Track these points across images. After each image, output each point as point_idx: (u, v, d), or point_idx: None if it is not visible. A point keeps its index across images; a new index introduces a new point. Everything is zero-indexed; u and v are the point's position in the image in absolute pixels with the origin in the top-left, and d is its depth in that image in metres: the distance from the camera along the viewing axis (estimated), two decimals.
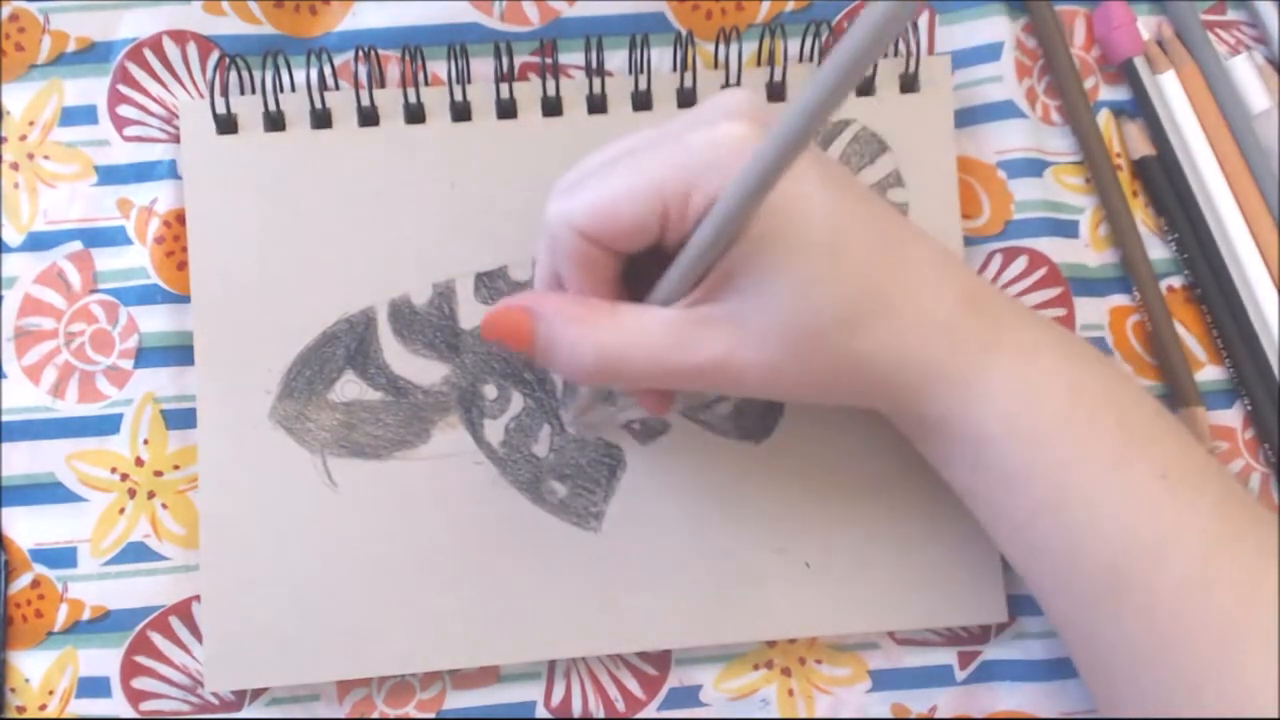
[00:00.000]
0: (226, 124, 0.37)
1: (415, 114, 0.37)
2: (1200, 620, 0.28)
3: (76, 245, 0.38)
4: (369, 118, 0.37)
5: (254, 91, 0.37)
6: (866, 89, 0.38)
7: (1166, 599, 0.29)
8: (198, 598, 0.37)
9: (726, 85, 0.38)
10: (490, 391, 0.37)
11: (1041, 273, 0.39)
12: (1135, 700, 0.30)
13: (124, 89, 0.38)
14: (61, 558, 0.37)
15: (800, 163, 0.27)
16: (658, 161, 0.28)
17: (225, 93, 0.37)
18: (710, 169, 0.28)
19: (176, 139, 0.38)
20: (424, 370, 0.37)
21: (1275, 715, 0.27)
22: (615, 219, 0.29)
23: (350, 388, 0.37)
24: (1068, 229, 0.39)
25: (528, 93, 0.38)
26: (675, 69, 0.38)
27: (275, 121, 0.37)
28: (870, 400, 0.32)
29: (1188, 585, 0.29)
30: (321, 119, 0.37)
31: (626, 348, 0.29)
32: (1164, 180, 0.39)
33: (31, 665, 0.37)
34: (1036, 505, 0.30)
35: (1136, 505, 0.29)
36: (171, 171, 0.38)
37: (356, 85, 0.38)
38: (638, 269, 0.31)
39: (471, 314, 0.37)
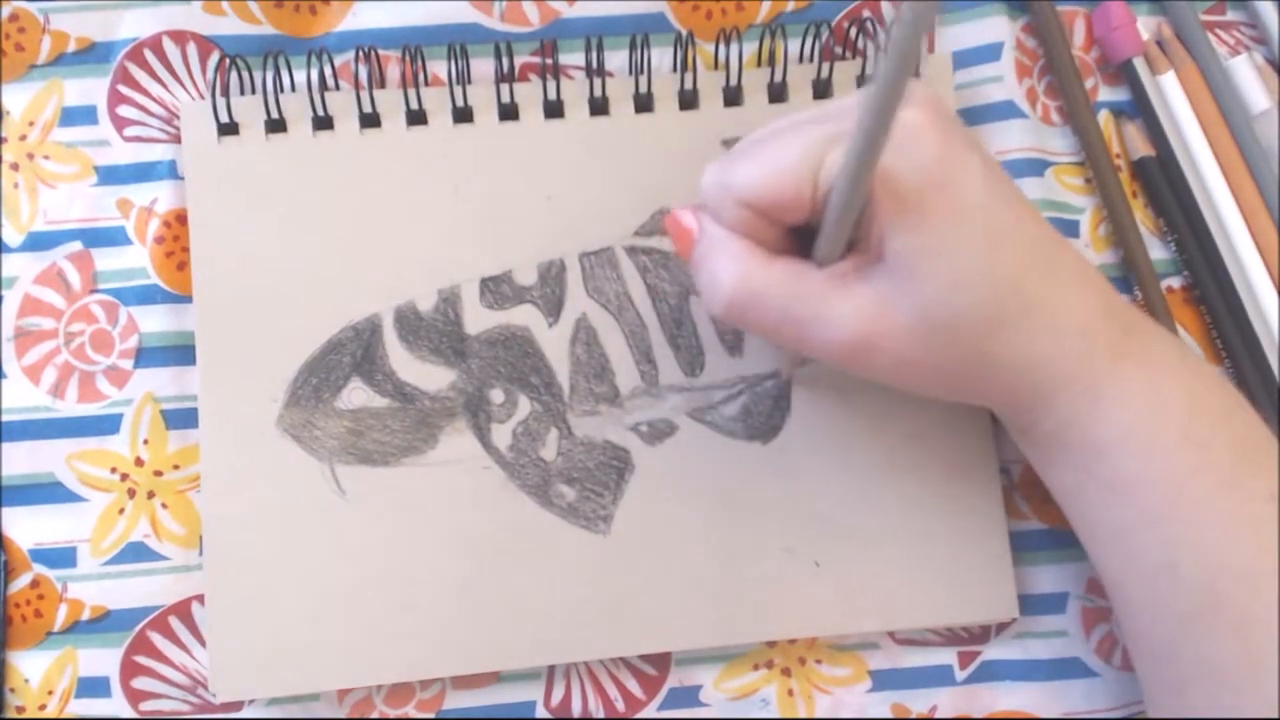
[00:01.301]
0: (227, 126, 0.37)
1: (417, 116, 0.37)
2: None
3: (76, 245, 0.38)
4: (370, 120, 0.37)
5: (254, 92, 0.37)
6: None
7: (1261, 623, 0.29)
8: (198, 598, 0.37)
9: (728, 86, 0.38)
10: (497, 396, 0.37)
11: None
12: (1219, 712, 0.30)
13: (124, 89, 0.38)
14: (61, 558, 0.37)
15: (967, 153, 0.28)
16: (814, 130, 0.29)
17: (226, 94, 0.37)
18: (839, 139, 0.28)
19: (177, 139, 0.38)
20: (430, 376, 0.37)
21: None
22: (773, 187, 0.29)
23: (357, 395, 0.37)
24: (1068, 229, 0.39)
25: (529, 94, 0.38)
26: (675, 69, 0.38)
27: (276, 124, 0.37)
28: (991, 400, 0.32)
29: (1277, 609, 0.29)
30: (322, 121, 0.37)
31: (766, 290, 0.30)
32: (1162, 181, 0.39)
33: (31, 665, 0.37)
34: (1142, 516, 0.30)
35: (1242, 526, 0.29)
36: (171, 172, 0.38)
37: (357, 86, 0.38)
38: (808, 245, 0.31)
39: (476, 320, 0.37)
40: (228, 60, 0.37)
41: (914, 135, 0.28)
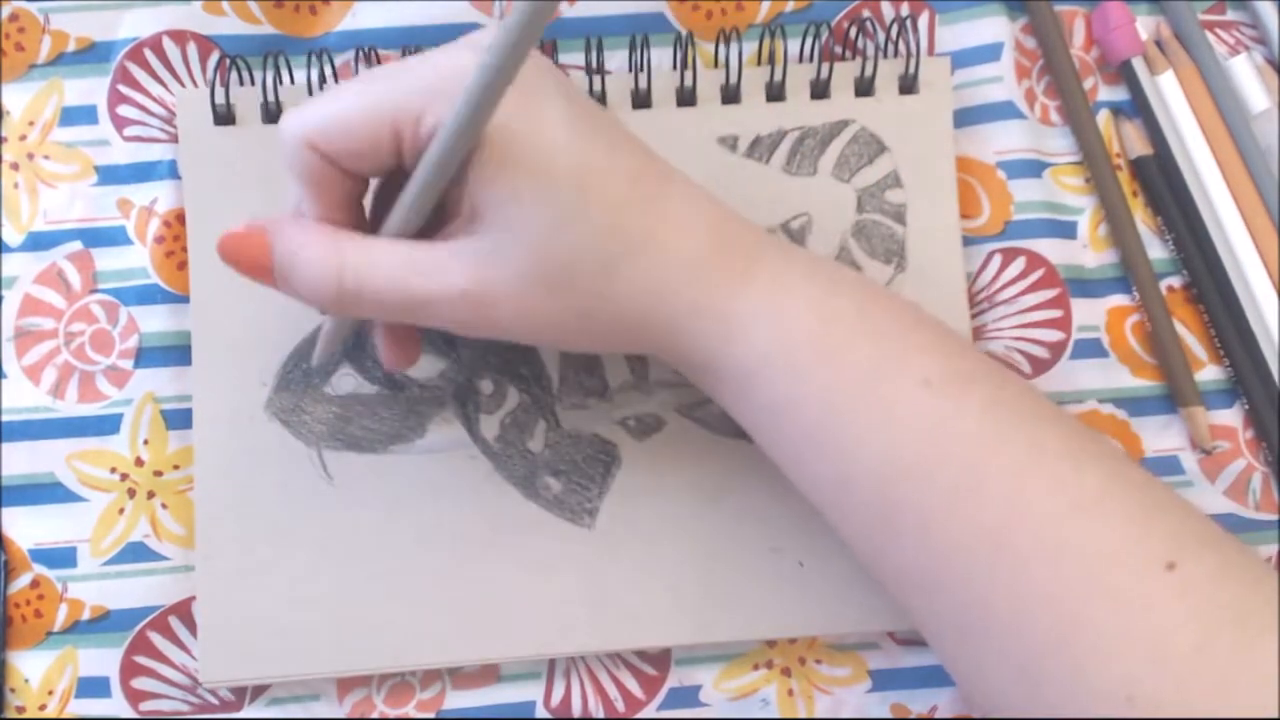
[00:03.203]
0: (224, 116, 0.37)
1: None
2: (974, 529, 0.28)
3: (76, 245, 0.38)
4: None
5: (254, 84, 0.38)
6: (866, 90, 0.38)
7: (940, 512, 0.28)
8: (197, 598, 0.37)
9: (726, 85, 0.38)
10: (486, 386, 0.37)
11: (1039, 274, 0.39)
12: (929, 619, 0.30)
13: (124, 89, 0.38)
14: (61, 558, 0.37)
15: (546, 100, 0.28)
16: (392, 83, 0.28)
17: (225, 86, 0.37)
18: (440, 96, 0.27)
19: (176, 139, 0.38)
20: (420, 365, 0.37)
21: (1063, 617, 0.27)
22: (345, 133, 0.28)
23: (346, 381, 0.37)
24: (1066, 230, 0.39)
25: None
26: (675, 69, 0.38)
27: (273, 113, 0.37)
28: (633, 344, 0.31)
29: (956, 496, 0.28)
30: None
31: (370, 271, 0.28)
32: (1161, 180, 0.39)
33: (31, 665, 0.37)
34: (804, 435, 0.30)
35: (899, 421, 0.29)
36: (171, 171, 0.38)
37: None
38: (383, 204, 0.30)
39: None
40: (228, 60, 0.37)
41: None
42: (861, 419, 0.29)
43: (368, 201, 0.31)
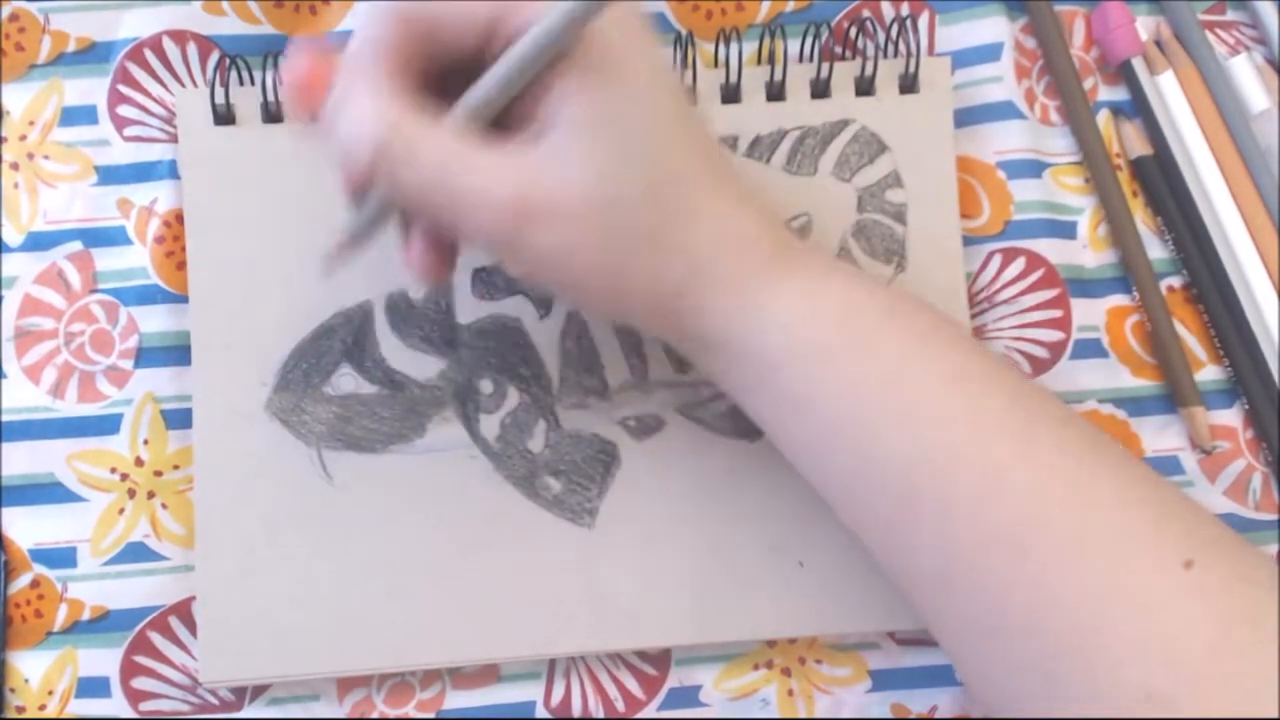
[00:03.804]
0: (224, 116, 0.37)
1: None
2: (994, 528, 0.28)
3: (76, 245, 0.38)
4: None
5: (254, 84, 0.38)
6: (867, 89, 0.38)
7: (961, 509, 0.28)
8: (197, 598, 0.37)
9: (726, 85, 0.38)
10: (486, 386, 0.37)
11: (1039, 274, 0.39)
12: (943, 616, 0.30)
13: (124, 89, 0.38)
14: (61, 558, 0.37)
15: (653, 50, 0.28)
16: None
17: (225, 86, 0.37)
18: None
19: (176, 139, 0.38)
20: (420, 364, 0.37)
21: (1081, 615, 0.27)
22: (444, 8, 0.27)
23: (346, 381, 0.37)
24: (1066, 230, 0.39)
25: None
26: (675, 68, 0.38)
27: (273, 113, 0.37)
28: (656, 316, 0.31)
29: (976, 495, 0.28)
30: None
31: (421, 142, 0.27)
32: (1161, 180, 0.39)
33: (31, 665, 0.37)
34: (825, 429, 0.30)
35: (921, 416, 0.29)
36: (171, 171, 0.38)
37: None
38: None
39: (468, 309, 0.37)
40: (227, 60, 0.37)
41: (610, 12, 0.27)
42: (884, 415, 0.29)
43: None
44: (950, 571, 0.29)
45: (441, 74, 0.28)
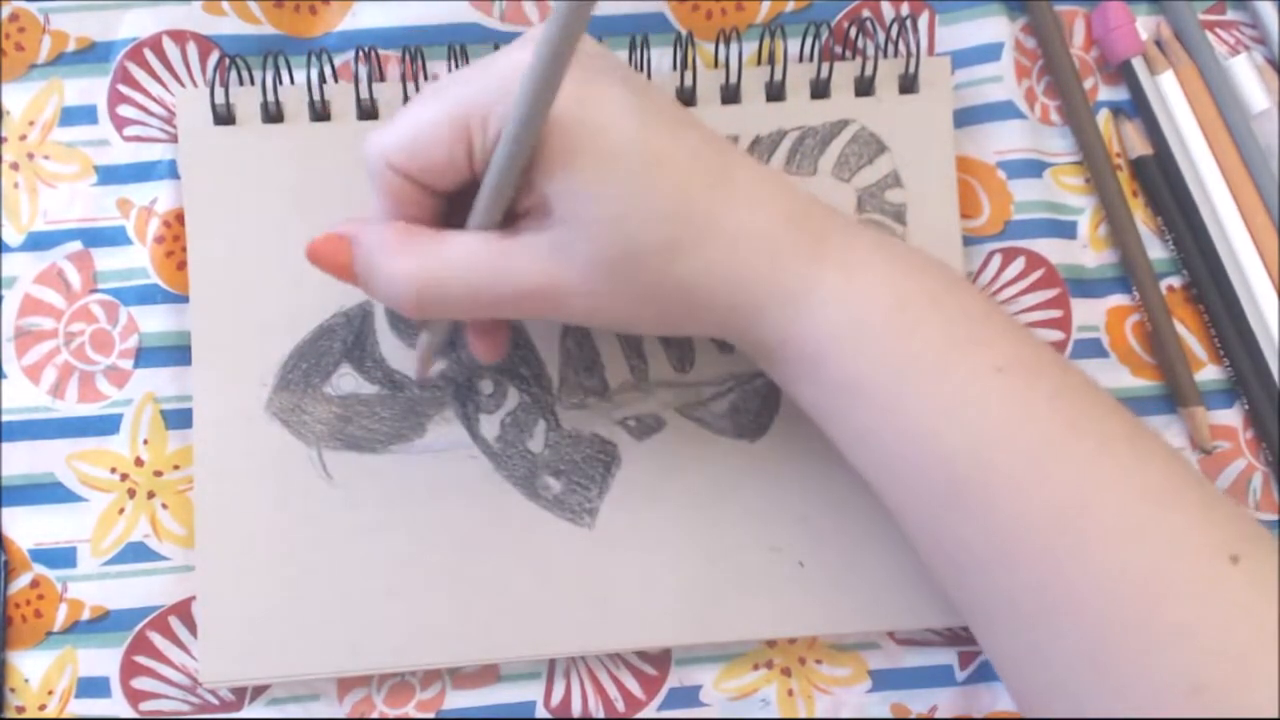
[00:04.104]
0: (224, 115, 0.37)
1: None
2: (1044, 510, 0.28)
3: (76, 245, 0.38)
4: (368, 111, 0.37)
5: (254, 84, 0.38)
6: (866, 89, 0.38)
7: (1008, 495, 0.29)
8: (197, 598, 0.37)
9: (726, 85, 0.38)
10: (486, 386, 0.37)
11: (1039, 274, 0.39)
12: (990, 602, 0.30)
13: (124, 89, 0.38)
14: (61, 558, 0.37)
15: (605, 88, 0.28)
16: (460, 89, 0.29)
17: (225, 86, 0.37)
18: (504, 94, 0.27)
19: (176, 139, 0.38)
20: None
21: (1131, 601, 0.27)
22: (424, 150, 0.29)
23: (346, 381, 0.37)
24: (1066, 230, 0.39)
25: None
26: (675, 69, 0.38)
27: (272, 113, 0.37)
28: (706, 327, 0.32)
29: (1028, 479, 0.28)
30: (320, 112, 0.37)
31: (447, 273, 0.29)
32: (1161, 180, 0.39)
33: (31, 665, 0.37)
34: (874, 414, 0.30)
35: (972, 402, 0.29)
36: (171, 171, 0.38)
37: (356, 82, 0.38)
38: (463, 214, 0.31)
39: None
40: (227, 60, 0.37)
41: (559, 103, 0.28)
42: (935, 399, 0.29)
43: None
44: (999, 552, 0.29)
45: (439, 210, 0.31)
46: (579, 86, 0.28)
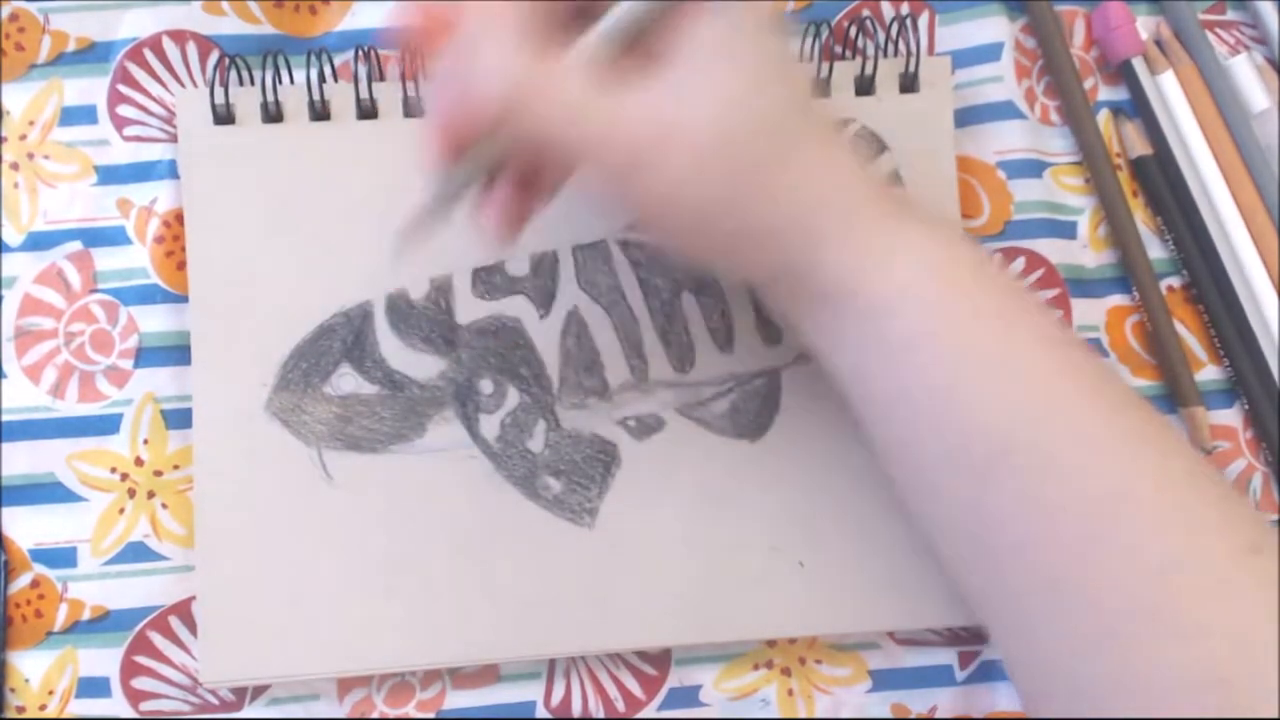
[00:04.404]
0: (224, 115, 0.37)
1: (414, 107, 0.37)
2: (1076, 501, 0.28)
3: (76, 245, 0.38)
4: (367, 111, 0.37)
5: (253, 84, 0.38)
6: (867, 89, 0.38)
7: (1044, 478, 0.28)
8: (197, 597, 0.37)
9: None
10: (486, 386, 0.37)
11: (1039, 273, 0.39)
12: (1018, 583, 0.30)
13: (124, 89, 0.38)
14: (61, 558, 0.37)
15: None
16: None
17: (225, 86, 0.37)
18: None
19: (176, 139, 0.38)
20: (420, 364, 0.37)
21: (1161, 583, 0.27)
22: None
23: (346, 381, 0.37)
24: (1066, 230, 0.39)
25: None
26: None
27: (273, 114, 0.37)
28: (767, 259, 0.31)
29: (1064, 465, 0.28)
30: (320, 112, 0.37)
31: (550, 78, 0.27)
32: (1161, 180, 0.39)
33: (31, 665, 0.37)
34: (924, 374, 0.30)
35: (1024, 374, 0.29)
36: (171, 171, 0.38)
37: (356, 82, 0.38)
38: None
39: (468, 309, 0.37)
40: (227, 60, 0.37)
41: None
42: (988, 369, 0.29)
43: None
44: (1033, 535, 0.29)
45: (563, 18, 0.29)
46: None
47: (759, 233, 0.30)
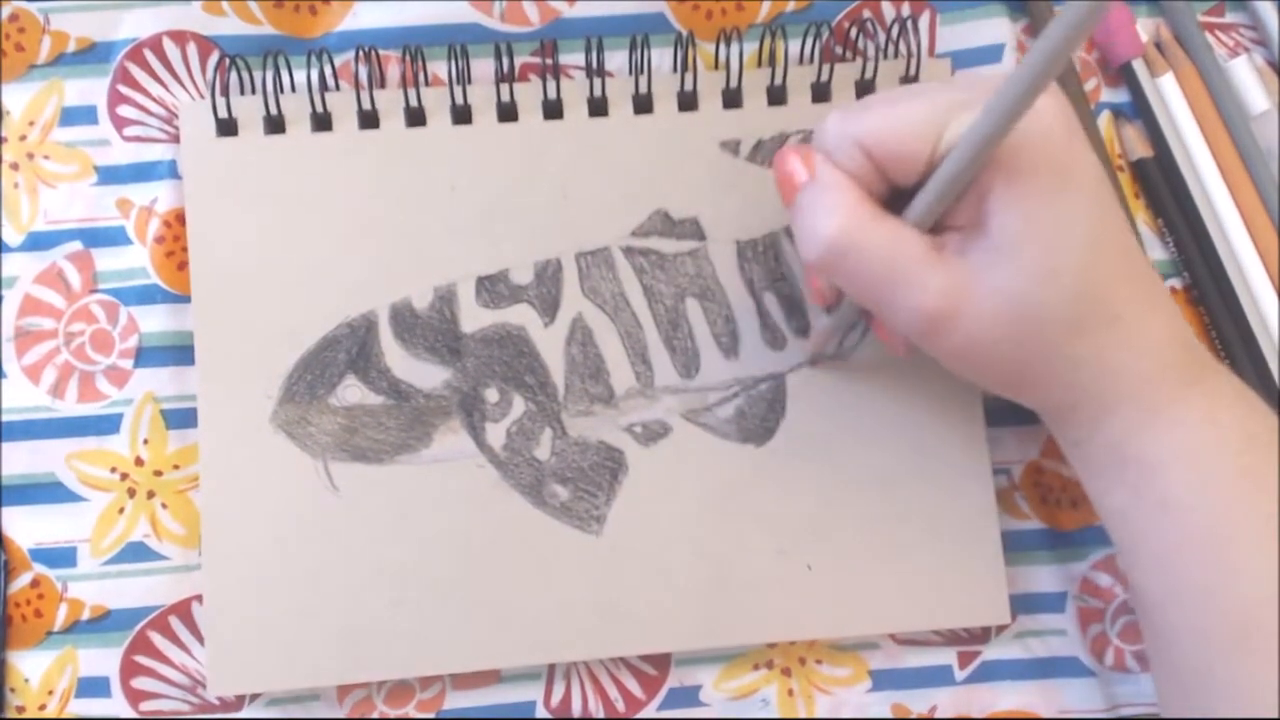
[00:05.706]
0: (226, 126, 0.37)
1: (416, 117, 0.37)
2: None
3: (76, 245, 0.38)
4: (369, 120, 0.37)
5: (254, 92, 0.37)
6: (867, 91, 0.38)
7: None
8: (197, 598, 0.37)
9: (727, 89, 0.38)
10: (492, 395, 0.37)
11: None
12: None
13: (124, 89, 0.38)
14: (61, 557, 0.37)
15: (1087, 152, 0.29)
16: (948, 94, 0.29)
17: (225, 93, 0.37)
18: (972, 106, 0.28)
19: (176, 139, 0.38)
20: (425, 374, 0.37)
21: None
22: (898, 137, 0.29)
23: (351, 392, 0.37)
24: None
25: (528, 94, 0.38)
26: (676, 69, 0.38)
27: (275, 124, 0.37)
28: (1049, 402, 0.32)
29: None
30: (322, 121, 0.37)
31: (868, 244, 0.29)
32: (1162, 182, 0.39)
33: (31, 665, 0.37)
34: (1188, 538, 0.30)
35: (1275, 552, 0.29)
36: (171, 171, 0.38)
37: (357, 86, 0.38)
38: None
39: (472, 318, 0.37)
40: (227, 60, 0.37)
41: (1045, 118, 0.28)
42: (1253, 543, 0.29)
43: None
44: (1273, 702, 0.29)
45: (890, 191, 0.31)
46: (1067, 133, 0.29)
47: (1044, 389, 0.31)
